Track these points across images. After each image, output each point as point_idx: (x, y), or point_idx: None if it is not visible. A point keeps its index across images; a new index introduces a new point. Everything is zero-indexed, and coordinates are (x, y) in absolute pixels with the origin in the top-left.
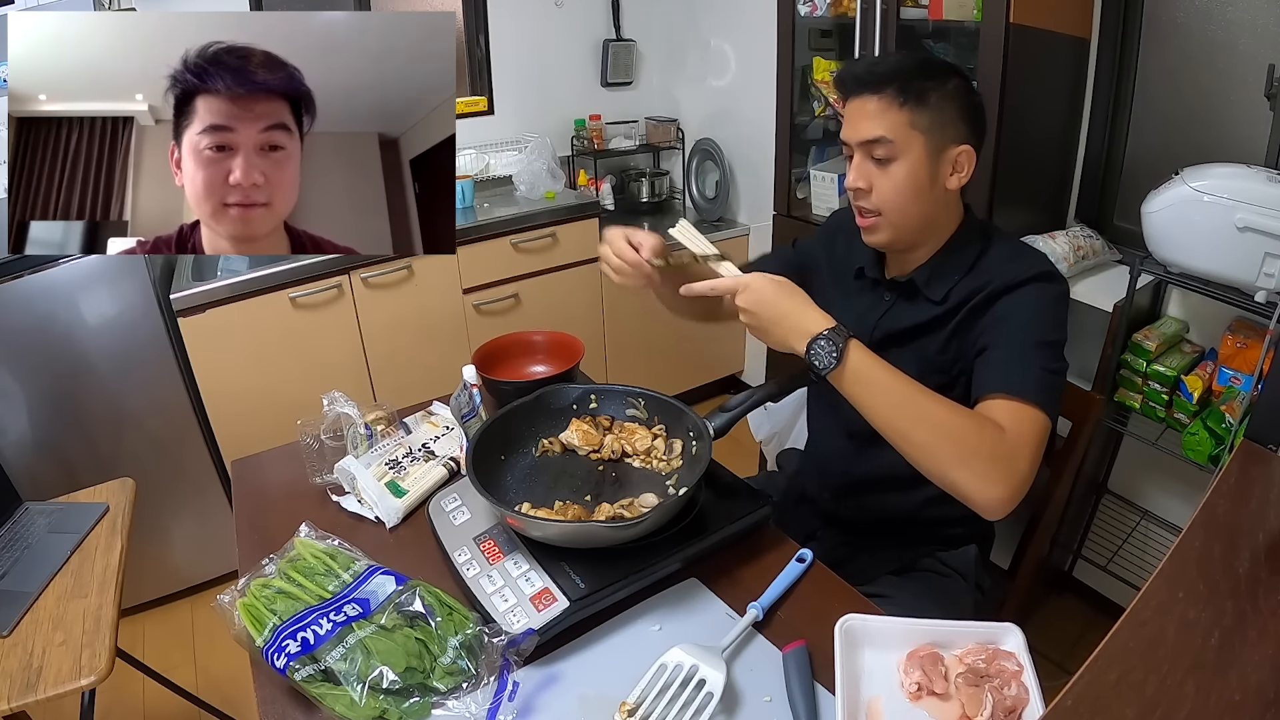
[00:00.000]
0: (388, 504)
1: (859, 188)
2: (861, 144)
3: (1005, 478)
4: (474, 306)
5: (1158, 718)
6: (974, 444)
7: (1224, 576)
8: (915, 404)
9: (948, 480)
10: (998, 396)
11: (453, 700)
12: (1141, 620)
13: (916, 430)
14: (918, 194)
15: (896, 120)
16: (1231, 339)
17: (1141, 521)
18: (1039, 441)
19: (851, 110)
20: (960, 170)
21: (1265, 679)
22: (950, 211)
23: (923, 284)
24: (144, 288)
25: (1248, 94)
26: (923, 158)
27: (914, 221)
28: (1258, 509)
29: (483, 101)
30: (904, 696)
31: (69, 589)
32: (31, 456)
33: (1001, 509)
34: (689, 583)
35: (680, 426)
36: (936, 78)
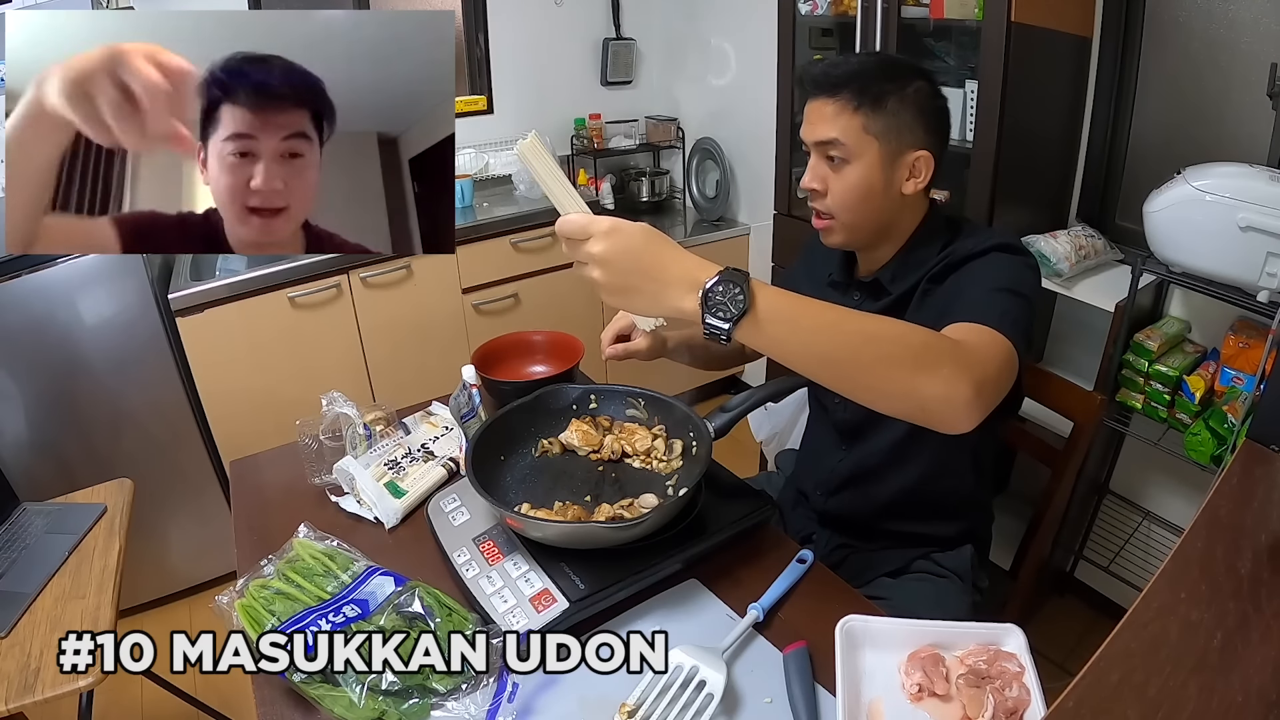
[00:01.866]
0: (387, 504)
1: (813, 188)
2: (816, 144)
3: (970, 378)
4: (473, 306)
5: (1160, 719)
6: (930, 349)
7: (1226, 577)
8: (850, 324)
9: (910, 394)
10: (954, 323)
11: (452, 701)
12: (1143, 621)
13: (862, 351)
14: (870, 198)
15: (850, 124)
16: (1234, 339)
17: (1143, 522)
18: (1003, 360)
19: (809, 111)
20: (918, 175)
21: (1268, 680)
22: (911, 212)
23: (887, 281)
24: (142, 287)
25: (1250, 93)
26: (876, 162)
27: (867, 224)
28: (1260, 510)
29: (482, 100)
30: (905, 698)
31: (67, 590)
32: (29, 457)
33: (970, 413)
34: (689, 584)
35: (680, 427)
36: (896, 80)
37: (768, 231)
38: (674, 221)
